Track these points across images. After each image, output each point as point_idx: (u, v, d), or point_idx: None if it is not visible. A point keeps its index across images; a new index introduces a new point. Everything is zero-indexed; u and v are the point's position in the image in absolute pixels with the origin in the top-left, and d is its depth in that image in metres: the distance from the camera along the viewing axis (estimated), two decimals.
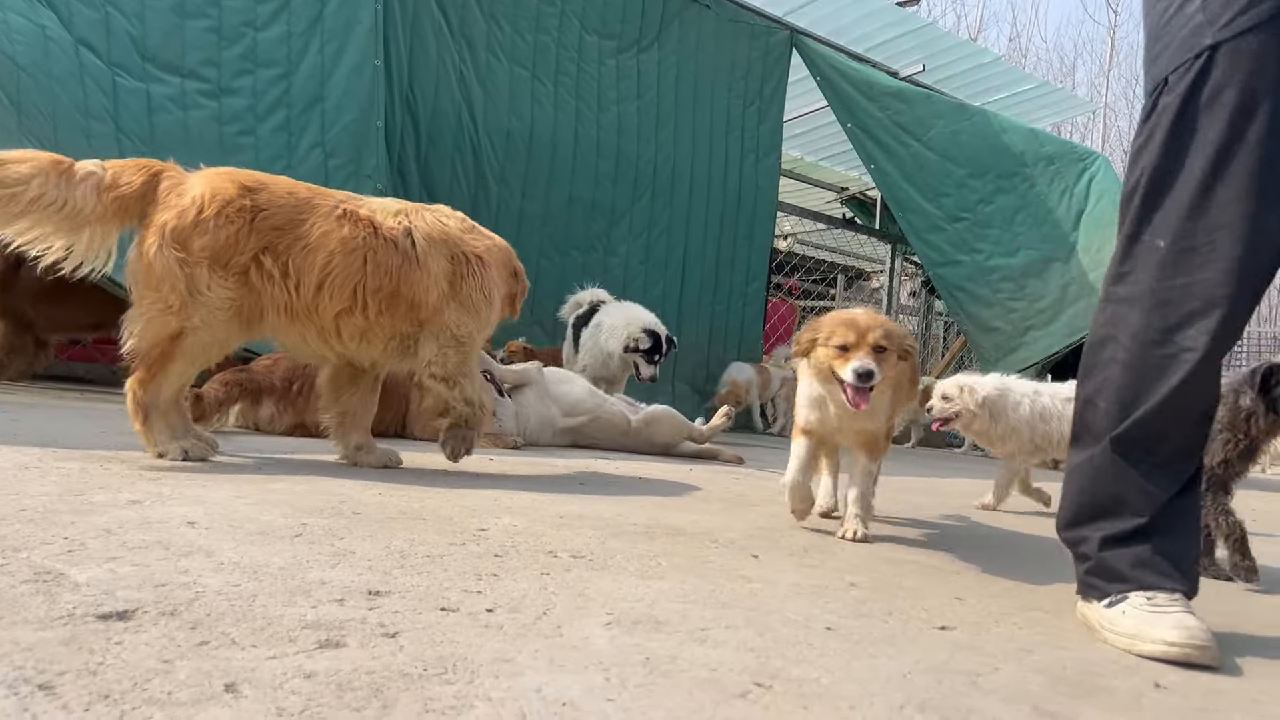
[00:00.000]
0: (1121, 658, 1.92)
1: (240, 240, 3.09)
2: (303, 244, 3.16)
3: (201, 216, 3.06)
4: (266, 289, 3.15)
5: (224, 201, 3.09)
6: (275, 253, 3.14)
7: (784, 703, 1.39)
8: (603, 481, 3.75)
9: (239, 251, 3.09)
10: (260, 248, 3.12)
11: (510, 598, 1.80)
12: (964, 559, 2.87)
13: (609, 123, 7.42)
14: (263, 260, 3.13)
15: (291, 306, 3.19)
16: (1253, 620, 2.47)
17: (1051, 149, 9.99)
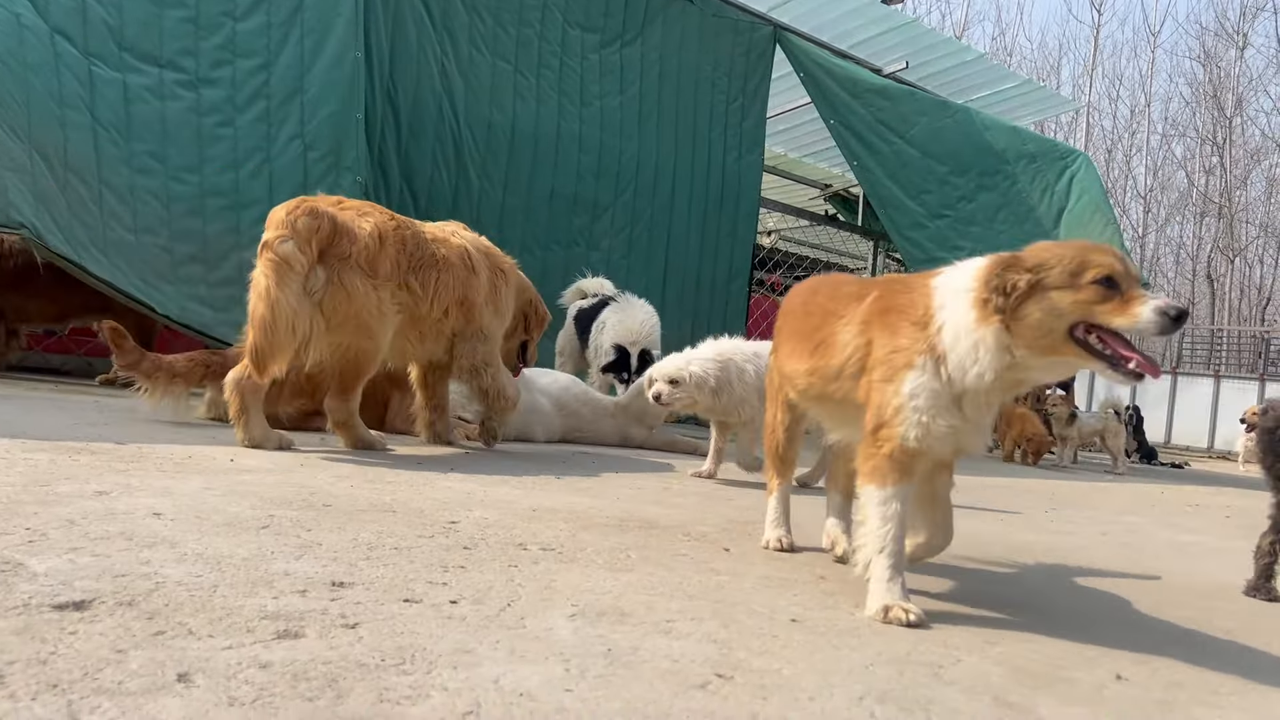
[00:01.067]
0: (1084, 650, 1.93)
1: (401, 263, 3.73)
2: (425, 264, 3.83)
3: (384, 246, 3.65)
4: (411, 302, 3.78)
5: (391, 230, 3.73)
6: (415, 271, 3.78)
7: (743, 693, 1.39)
8: (580, 475, 3.75)
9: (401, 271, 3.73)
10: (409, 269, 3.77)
11: (475, 589, 1.79)
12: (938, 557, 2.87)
13: (591, 117, 7.41)
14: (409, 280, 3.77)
15: (417, 315, 3.85)
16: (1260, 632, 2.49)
17: (1033, 147, 10.03)
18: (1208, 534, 4.35)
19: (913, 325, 2.01)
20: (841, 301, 2.25)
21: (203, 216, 5.47)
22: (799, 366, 2.34)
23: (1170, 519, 4.86)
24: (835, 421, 2.36)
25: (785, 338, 2.50)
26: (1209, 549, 3.80)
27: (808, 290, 2.52)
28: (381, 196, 6.32)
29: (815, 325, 2.30)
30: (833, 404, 2.26)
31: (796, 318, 2.45)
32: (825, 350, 2.22)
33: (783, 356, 2.49)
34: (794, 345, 2.40)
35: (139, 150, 5.33)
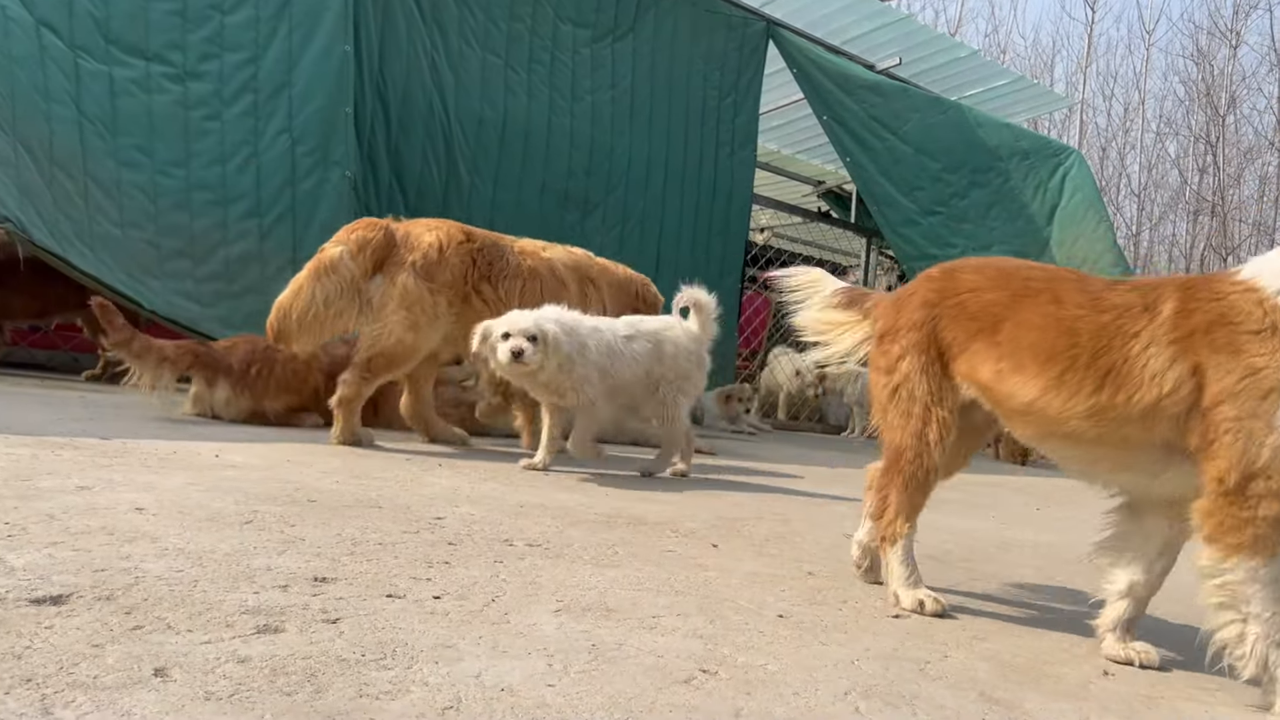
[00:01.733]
0: (1072, 646, 1.92)
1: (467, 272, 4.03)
2: (506, 275, 4.11)
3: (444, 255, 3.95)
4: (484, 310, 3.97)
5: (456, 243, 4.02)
6: (490, 282, 4.07)
7: (727, 688, 1.38)
8: (568, 471, 3.73)
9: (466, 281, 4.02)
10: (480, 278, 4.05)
11: (460, 585, 1.78)
12: (925, 550, 2.86)
13: (583, 112, 7.37)
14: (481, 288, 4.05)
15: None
16: None
17: (1026, 144, 10.02)
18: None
19: (1255, 336, 1.60)
20: (1120, 314, 1.77)
21: (189, 211, 5.43)
22: (1054, 400, 1.80)
23: None
24: (1108, 468, 1.85)
25: (985, 344, 1.95)
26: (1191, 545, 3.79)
27: (1015, 280, 1.96)
28: (370, 191, 6.29)
29: (1074, 343, 1.79)
30: (1115, 449, 1.78)
31: (1008, 323, 1.91)
32: (1116, 382, 1.72)
33: (987, 371, 1.93)
34: (1021, 362, 1.86)
35: (125, 144, 5.28)
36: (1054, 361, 1.81)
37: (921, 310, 2.07)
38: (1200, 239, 29.51)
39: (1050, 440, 1.89)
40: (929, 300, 2.06)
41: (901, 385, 2.06)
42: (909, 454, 2.04)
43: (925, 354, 2.04)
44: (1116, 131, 31.84)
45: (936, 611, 1.99)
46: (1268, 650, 1.58)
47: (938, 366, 2.04)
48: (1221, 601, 1.62)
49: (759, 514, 3.20)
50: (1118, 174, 31.59)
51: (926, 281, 2.12)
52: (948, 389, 2.03)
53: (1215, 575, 1.63)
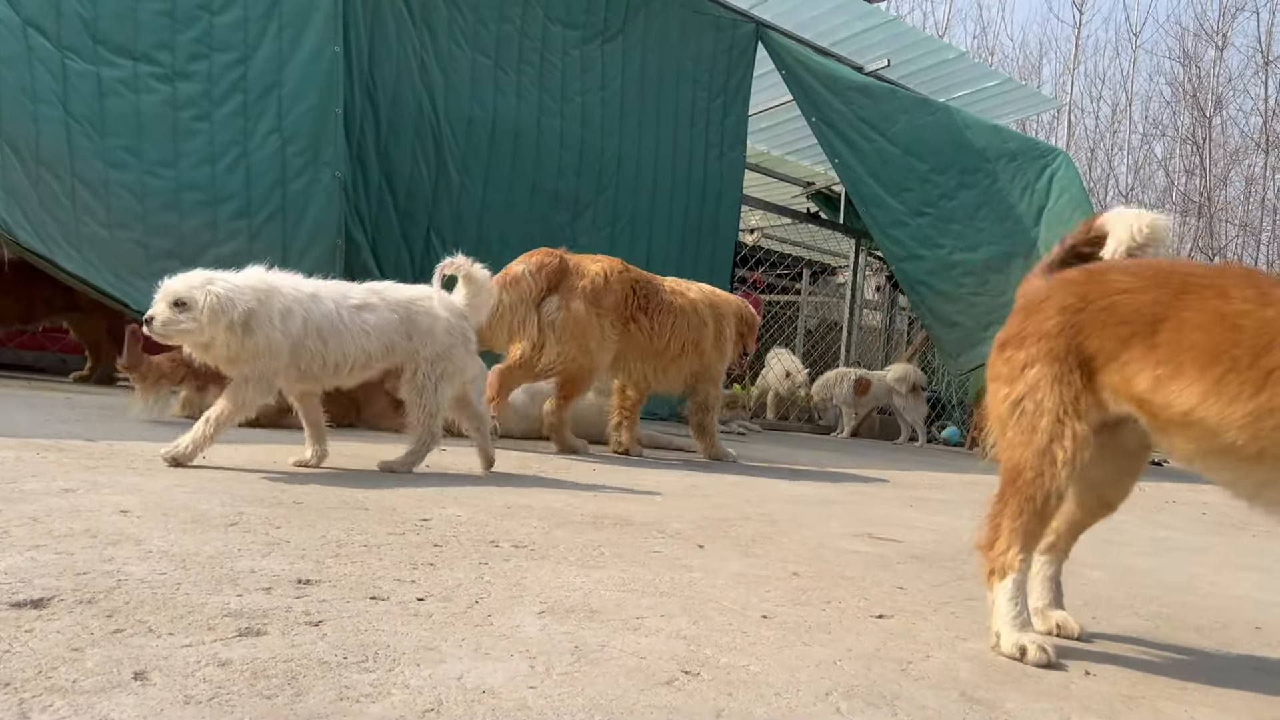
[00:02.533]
0: (1056, 646, 1.93)
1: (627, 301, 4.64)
2: (659, 308, 4.76)
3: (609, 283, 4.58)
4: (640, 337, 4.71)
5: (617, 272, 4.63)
6: (646, 314, 4.68)
7: (709, 690, 1.39)
8: (556, 472, 3.74)
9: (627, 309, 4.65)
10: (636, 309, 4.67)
11: (444, 587, 1.78)
12: (910, 550, 2.88)
13: (573, 113, 7.39)
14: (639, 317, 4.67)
15: (651, 350, 4.77)
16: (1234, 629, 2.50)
17: (1014, 145, 10.07)
18: (1185, 531, 4.37)
19: None
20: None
21: (179, 211, 5.42)
22: (1213, 406, 1.62)
23: (1149, 515, 4.88)
24: (1267, 488, 1.66)
25: (1141, 350, 1.74)
26: (1186, 545, 3.82)
27: (1176, 276, 1.76)
28: (360, 192, 6.29)
29: (1236, 341, 1.61)
30: (1275, 465, 1.59)
31: (1168, 324, 1.72)
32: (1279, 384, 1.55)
33: (1145, 380, 1.72)
34: (1180, 366, 1.67)
35: (113, 144, 5.27)
36: (1215, 363, 1.62)
37: (1058, 316, 1.82)
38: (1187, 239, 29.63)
39: (1211, 458, 1.68)
40: (1068, 305, 1.82)
41: (1027, 396, 1.82)
42: (1029, 474, 1.79)
43: (1061, 362, 1.80)
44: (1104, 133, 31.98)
45: (1040, 661, 1.76)
46: None
47: (1076, 376, 1.80)
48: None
49: (746, 514, 3.21)
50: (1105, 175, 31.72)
51: (1065, 285, 1.87)
52: (1087, 403, 1.80)
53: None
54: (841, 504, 3.84)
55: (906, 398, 9.94)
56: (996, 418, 1.90)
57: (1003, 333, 1.93)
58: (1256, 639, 2.26)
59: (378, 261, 6.30)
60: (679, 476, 4.11)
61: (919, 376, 10.12)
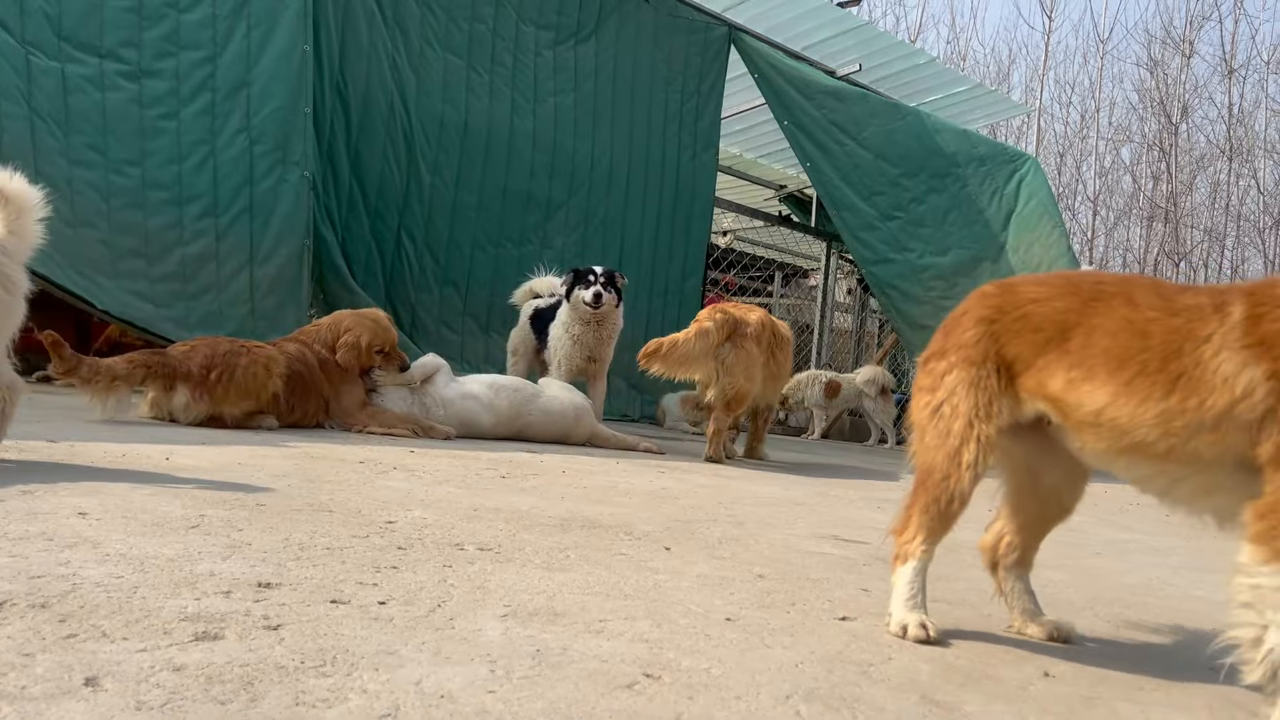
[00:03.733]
0: (1015, 648, 1.95)
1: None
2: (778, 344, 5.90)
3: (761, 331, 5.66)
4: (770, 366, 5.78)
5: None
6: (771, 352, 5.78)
7: (670, 693, 1.39)
8: (524, 474, 3.73)
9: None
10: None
11: (406, 590, 1.77)
12: (876, 552, 2.89)
13: (545, 114, 7.37)
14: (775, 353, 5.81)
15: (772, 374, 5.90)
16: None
17: (983, 150, 10.16)
18: (1146, 533, 4.42)
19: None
20: (1191, 317, 1.69)
21: (144, 210, 5.36)
22: (1124, 406, 1.71)
23: (1110, 517, 4.93)
24: (1179, 484, 1.74)
25: (1055, 354, 1.84)
26: (1147, 547, 3.86)
27: (1085, 286, 1.87)
28: (331, 192, 6.25)
29: (1145, 346, 1.70)
30: (1186, 466, 1.69)
31: (1079, 329, 1.82)
32: (1187, 387, 1.64)
33: (1058, 382, 1.82)
34: (1092, 369, 1.77)
35: (78, 142, 5.21)
36: (1125, 366, 1.72)
37: (976, 328, 1.93)
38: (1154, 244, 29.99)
39: (1122, 457, 1.77)
40: (985, 317, 1.93)
41: (945, 402, 1.91)
42: (937, 475, 1.91)
43: (978, 367, 1.90)
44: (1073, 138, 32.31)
45: (919, 638, 1.88)
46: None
47: (993, 381, 1.89)
48: (1247, 601, 1.56)
49: (714, 516, 3.21)
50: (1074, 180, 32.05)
51: (981, 299, 1.98)
52: (1001, 405, 1.89)
53: (1250, 575, 1.56)
54: (809, 506, 3.86)
55: (876, 400, 10.00)
56: (917, 424, 2.00)
57: (926, 350, 2.04)
58: (1212, 639, 2.28)
59: (348, 262, 6.26)
60: (650, 479, 4.11)
61: (888, 379, 10.18)
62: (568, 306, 6.06)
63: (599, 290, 5.94)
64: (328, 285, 6.08)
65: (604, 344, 6.21)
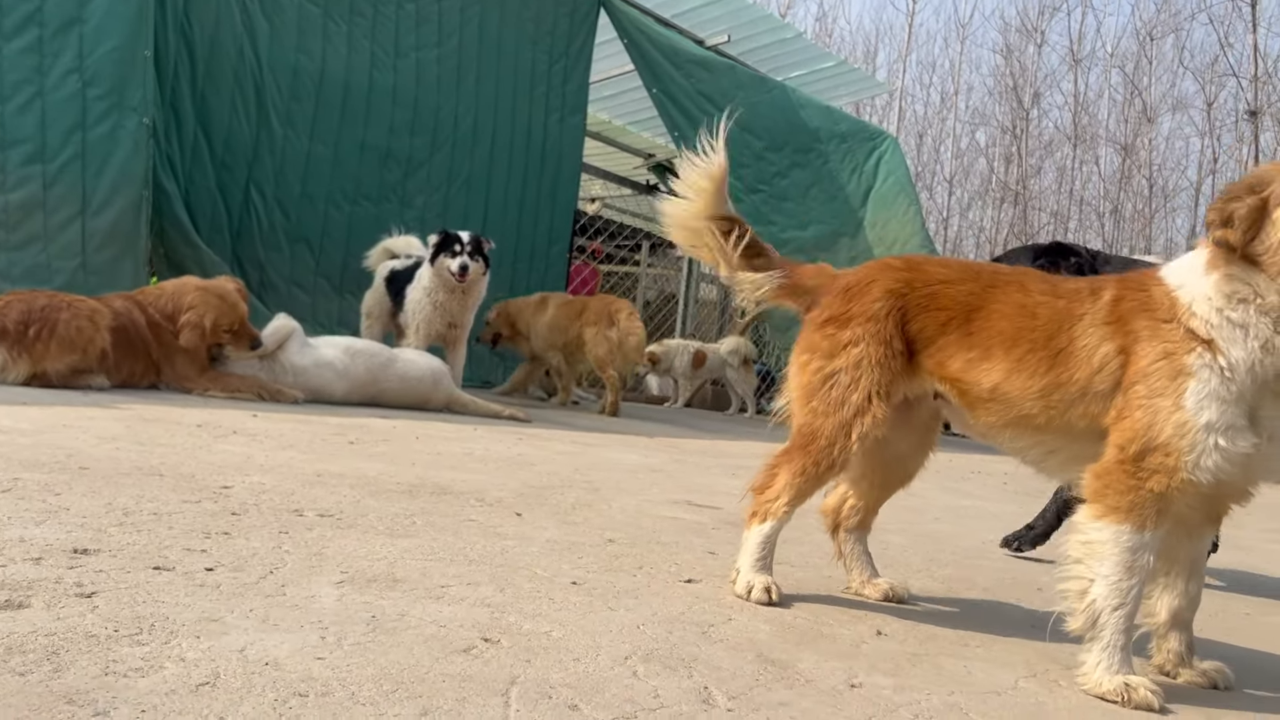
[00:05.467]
0: (851, 607, 2.01)
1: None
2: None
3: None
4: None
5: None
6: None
7: (507, 656, 1.37)
8: (374, 440, 3.64)
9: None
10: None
11: (237, 557, 1.70)
12: (726, 517, 2.94)
13: (407, 69, 7.14)
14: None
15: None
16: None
17: (845, 127, 10.39)
18: (984, 499, 4.65)
19: (1165, 323, 1.68)
20: (1071, 299, 1.82)
21: None
22: (1015, 381, 1.81)
23: (952, 484, 5.17)
24: (1060, 461, 1.87)
25: (957, 335, 1.91)
26: (984, 513, 4.06)
27: (976, 275, 1.97)
28: (174, 141, 5.91)
29: (1033, 326, 1.81)
30: (1062, 436, 1.81)
31: (980, 313, 1.90)
32: (1064, 362, 1.76)
33: (958, 362, 1.90)
34: (990, 349, 1.85)
35: None
36: (1017, 344, 1.83)
37: (884, 300, 1.96)
38: (1004, 225, 31.43)
39: (1009, 429, 1.87)
40: (893, 290, 1.96)
41: (842, 372, 1.94)
42: (822, 441, 1.94)
43: (886, 345, 1.93)
44: (933, 120, 33.48)
45: (763, 600, 1.92)
46: (1102, 611, 1.64)
47: (899, 361, 1.94)
48: (1078, 556, 1.68)
49: (569, 482, 3.21)
50: (932, 160, 33.25)
51: (888, 270, 2.02)
52: (901, 384, 1.96)
53: (1083, 532, 1.69)
54: (666, 472, 3.90)
55: (738, 370, 10.17)
56: (803, 385, 2.01)
57: (822, 311, 2.04)
58: (1037, 598, 2.42)
59: (192, 216, 5.94)
60: (509, 445, 4.07)
61: (751, 350, 10.36)
62: (430, 271, 5.89)
63: (465, 262, 5.80)
64: (169, 240, 5.74)
65: (467, 311, 6.09)
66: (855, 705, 1.39)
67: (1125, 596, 1.63)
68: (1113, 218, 30.78)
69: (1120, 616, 1.63)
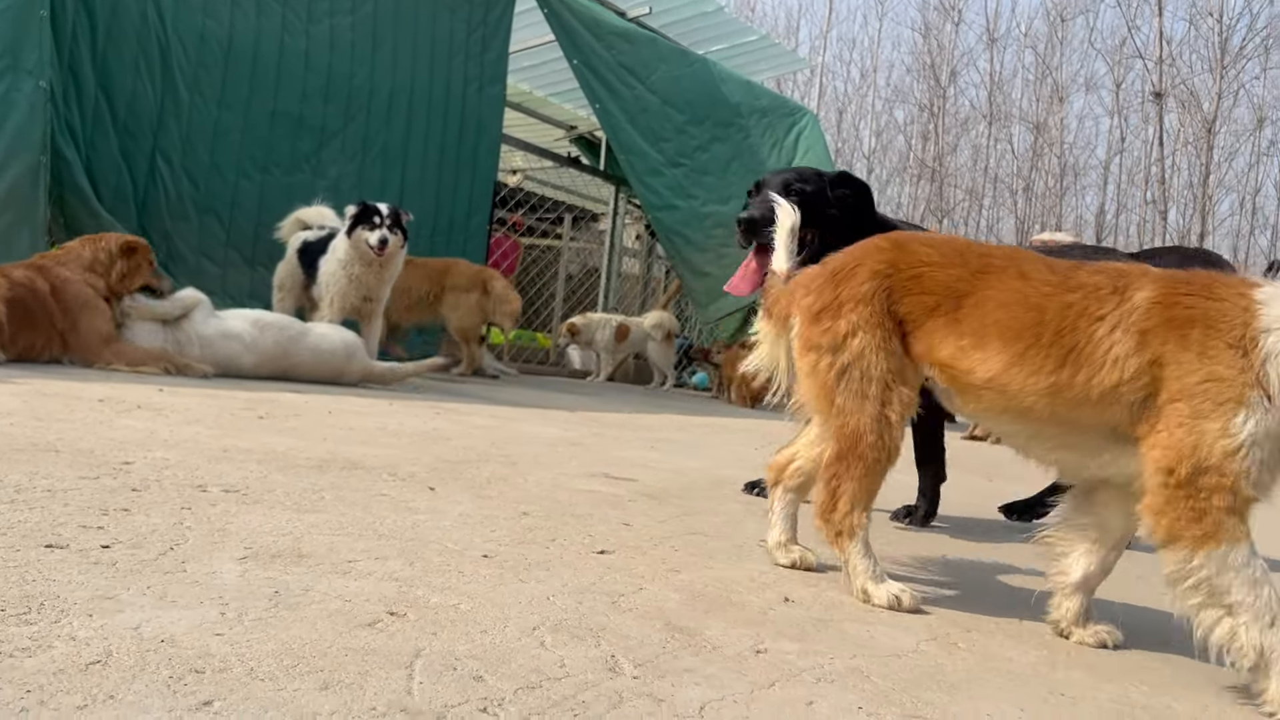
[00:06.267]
0: (761, 575, 2.05)
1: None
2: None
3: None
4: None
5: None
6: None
7: (413, 630, 1.37)
8: (285, 415, 3.57)
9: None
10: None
11: (136, 533, 1.65)
12: (643, 489, 2.97)
13: (320, 35, 6.95)
14: None
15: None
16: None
17: (765, 102, 10.46)
18: (899, 471, 4.75)
19: (1230, 349, 1.60)
20: (1088, 295, 1.76)
21: None
22: (1016, 376, 1.78)
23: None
24: (1050, 445, 1.87)
25: (945, 320, 1.89)
26: (896, 483, 4.15)
27: (973, 256, 1.93)
28: (74, 107, 5.68)
29: (1039, 320, 1.77)
30: (1063, 428, 1.80)
31: (970, 299, 1.87)
32: (1077, 362, 1.72)
33: (948, 348, 1.88)
34: (984, 338, 1.83)
35: None
36: (1019, 338, 1.78)
37: (871, 282, 1.93)
38: (921, 202, 32.05)
39: (1004, 416, 1.86)
40: (879, 271, 1.94)
41: (854, 364, 1.91)
42: (869, 438, 1.90)
43: (881, 329, 1.91)
44: (853, 96, 33.89)
45: (912, 607, 1.90)
46: (1261, 636, 1.55)
47: (896, 342, 1.92)
48: (1201, 601, 1.60)
49: (486, 456, 3.19)
50: (852, 137, 33.69)
51: (875, 252, 1.98)
52: (908, 366, 1.93)
53: (1187, 576, 1.61)
54: (585, 446, 3.90)
55: (660, 344, 10.22)
56: (821, 388, 1.97)
57: (814, 300, 1.99)
58: (943, 567, 2.49)
59: (94, 184, 5.72)
60: (424, 420, 4.03)
61: (673, 324, 10.42)
62: (347, 243, 5.76)
63: (385, 236, 5.69)
64: (69, 208, 5.52)
65: (383, 284, 5.99)
66: (760, 670, 1.42)
67: (1271, 608, 1.55)
68: (1025, 195, 31.62)
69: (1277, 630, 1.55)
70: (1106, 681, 1.65)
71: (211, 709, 1.03)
